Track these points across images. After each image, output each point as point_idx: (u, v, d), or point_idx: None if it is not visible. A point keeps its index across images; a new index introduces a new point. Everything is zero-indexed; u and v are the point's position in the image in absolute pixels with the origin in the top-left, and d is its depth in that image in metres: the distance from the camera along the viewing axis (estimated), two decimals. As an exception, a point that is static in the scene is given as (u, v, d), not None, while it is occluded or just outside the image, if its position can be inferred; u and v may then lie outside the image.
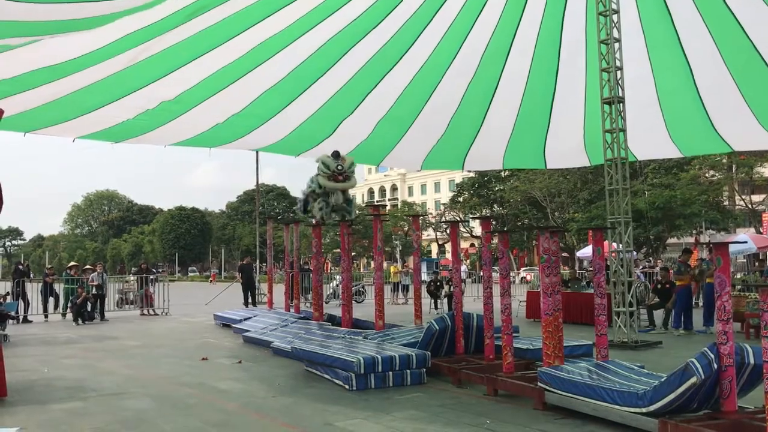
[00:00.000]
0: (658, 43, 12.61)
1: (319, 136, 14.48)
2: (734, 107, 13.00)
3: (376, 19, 12.00)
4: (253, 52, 11.68)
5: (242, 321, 14.33)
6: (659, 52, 12.78)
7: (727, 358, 5.48)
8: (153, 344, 12.78)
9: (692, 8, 11.66)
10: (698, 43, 12.23)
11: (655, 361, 9.38)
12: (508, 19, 12.65)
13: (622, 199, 11.92)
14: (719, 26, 11.79)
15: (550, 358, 7.17)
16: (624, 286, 11.70)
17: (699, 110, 13.47)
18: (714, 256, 6.00)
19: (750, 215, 42.45)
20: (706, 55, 12.34)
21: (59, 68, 10.27)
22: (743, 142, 15.10)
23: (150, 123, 12.88)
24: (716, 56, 12.27)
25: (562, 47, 13.25)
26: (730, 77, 12.51)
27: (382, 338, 9.83)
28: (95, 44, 9.91)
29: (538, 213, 47.63)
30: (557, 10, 12.53)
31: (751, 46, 11.77)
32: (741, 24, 11.52)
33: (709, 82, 12.85)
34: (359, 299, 22.74)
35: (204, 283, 58.79)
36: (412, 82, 13.60)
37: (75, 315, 17.01)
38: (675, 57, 12.63)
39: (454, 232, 10.93)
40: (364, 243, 60.33)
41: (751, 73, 12.33)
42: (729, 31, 11.74)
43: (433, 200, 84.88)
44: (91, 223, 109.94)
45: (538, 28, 12.87)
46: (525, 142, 15.57)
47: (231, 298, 22.43)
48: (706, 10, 11.65)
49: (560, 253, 10.10)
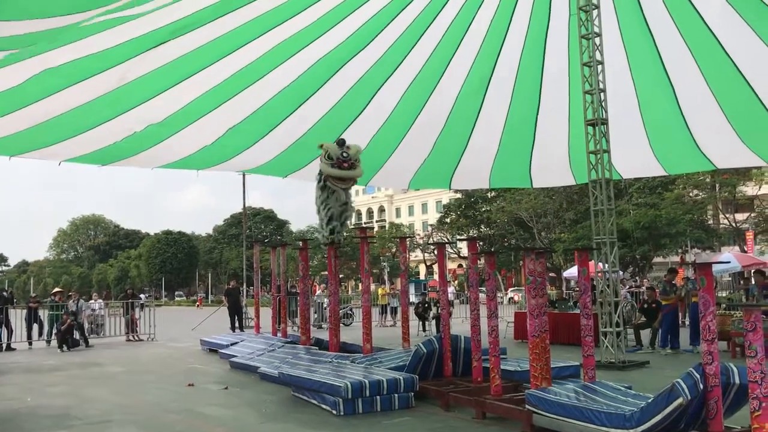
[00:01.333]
0: (641, 62, 12.82)
1: (307, 158, 14.53)
2: (717, 126, 13.21)
3: (362, 42, 12.17)
4: (240, 73, 11.74)
5: (229, 346, 14.22)
6: (642, 70, 12.99)
7: (712, 379, 5.51)
8: (139, 370, 12.65)
9: (673, 28, 11.90)
10: (680, 63, 12.46)
11: (642, 381, 9.40)
12: (491, 41, 12.86)
13: (608, 219, 12.00)
14: (700, 46, 12.04)
15: (538, 380, 7.16)
16: (611, 306, 11.74)
17: (682, 129, 13.67)
18: (698, 276, 6.05)
19: (734, 234, 42.80)
20: (688, 74, 12.57)
21: (45, 85, 10.20)
22: (726, 159, 15.30)
23: (137, 145, 12.88)
24: (698, 75, 12.49)
25: (545, 69, 13.44)
26: (713, 96, 12.74)
27: (370, 362, 9.79)
28: (81, 59, 9.88)
29: (525, 233, 47.76)
30: (540, 31, 12.73)
31: (732, 65, 12.00)
32: (722, 44, 11.76)
33: (691, 101, 13.07)
34: (347, 322, 22.64)
35: (191, 307, 58.28)
36: (399, 102, 13.75)
37: (60, 342, 16.82)
38: (657, 75, 12.84)
39: (441, 253, 10.95)
40: (351, 265, 60.23)
41: (732, 93, 12.55)
42: (710, 51, 11.98)
43: (421, 221, 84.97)
44: (77, 248, 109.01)
45: (520, 50, 13.07)
46: (511, 161, 15.70)
47: (218, 323, 22.27)
48: (687, 31, 11.90)
49: (547, 273, 10.14)
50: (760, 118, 12.77)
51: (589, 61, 11.91)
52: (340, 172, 11.18)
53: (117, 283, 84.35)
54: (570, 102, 14.00)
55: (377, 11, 11.58)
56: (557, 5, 12.29)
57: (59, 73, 9.92)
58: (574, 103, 13.67)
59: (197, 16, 9.88)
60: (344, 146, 11.30)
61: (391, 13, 11.80)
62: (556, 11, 12.38)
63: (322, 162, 11.40)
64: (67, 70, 9.97)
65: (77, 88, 10.46)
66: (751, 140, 13.47)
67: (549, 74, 13.54)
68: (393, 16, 11.88)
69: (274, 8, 10.51)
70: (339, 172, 11.18)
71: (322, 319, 22.12)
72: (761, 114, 12.64)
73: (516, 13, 12.35)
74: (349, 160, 11.19)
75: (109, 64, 10.27)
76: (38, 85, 10.03)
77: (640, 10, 11.92)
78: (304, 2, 10.75)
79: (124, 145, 12.62)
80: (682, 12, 11.60)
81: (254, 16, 10.52)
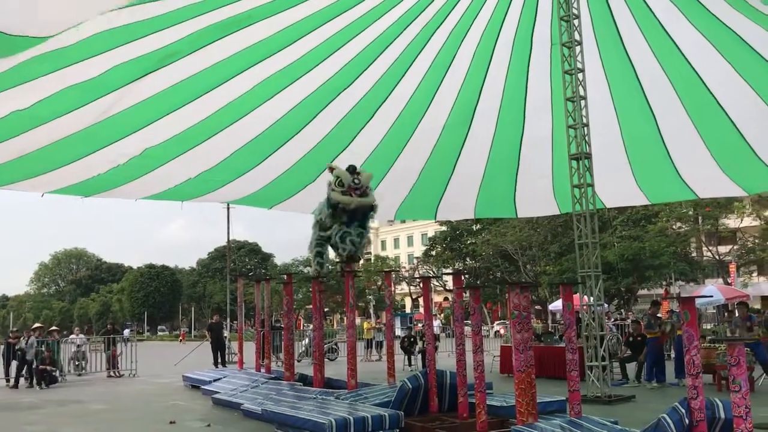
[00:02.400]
0: (623, 93, 13.05)
1: (294, 188, 14.51)
2: (699, 157, 13.43)
3: (349, 78, 12.37)
4: (227, 108, 11.80)
5: (212, 382, 14.00)
6: (624, 101, 13.21)
7: (698, 413, 5.49)
8: (120, 407, 12.42)
9: (654, 61, 12.19)
10: (661, 95, 12.72)
11: (629, 415, 9.34)
12: (474, 73, 13.09)
13: (592, 252, 12.04)
14: (681, 81, 12.32)
15: (524, 415, 7.11)
16: (596, 340, 11.72)
17: (665, 158, 13.87)
18: (681, 310, 6.07)
19: (717, 266, 43.16)
20: (670, 107, 12.83)
21: (28, 119, 10.14)
22: (708, 189, 15.50)
23: (121, 177, 12.83)
24: (680, 108, 12.75)
25: (527, 100, 13.65)
26: (695, 129, 12.99)
27: (355, 398, 9.68)
28: (65, 91, 9.85)
29: (510, 266, 47.87)
30: (522, 62, 12.95)
31: (711, 96, 12.28)
32: (702, 79, 12.04)
33: (673, 132, 13.34)
34: (332, 356, 22.43)
35: (174, 342, 57.59)
36: (386, 135, 13.88)
37: (38, 378, 16.50)
38: (640, 106, 13.08)
39: (427, 288, 10.88)
40: (337, 298, 59.92)
41: (712, 124, 12.82)
42: (691, 86, 12.27)
43: (407, 254, 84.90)
44: (59, 282, 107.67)
45: (503, 84, 13.28)
46: (495, 191, 15.76)
47: (201, 358, 21.98)
48: (668, 65, 12.18)
49: (533, 307, 10.11)
50: (739, 149, 13.01)
51: (572, 96, 12.06)
52: (351, 200, 10.81)
53: (99, 318, 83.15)
54: (553, 134, 14.14)
55: (363, 48, 11.77)
56: (539, 37, 12.56)
57: (30, 114, 9.91)
58: (558, 133, 13.81)
59: (181, 43, 9.93)
60: (355, 173, 10.99)
61: (378, 49, 11.98)
62: (537, 42, 12.64)
63: (332, 189, 10.97)
64: (35, 112, 9.94)
65: (57, 122, 10.43)
66: (731, 171, 13.70)
67: (532, 106, 13.72)
68: (380, 51, 12.06)
69: (262, 40, 10.63)
70: (350, 200, 10.81)
71: (307, 354, 21.90)
72: (740, 145, 12.88)
73: (498, 44, 12.58)
74: (360, 188, 10.88)
75: (93, 97, 10.26)
76: (8, 124, 10.01)
77: (622, 46, 12.20)
78: (292, 36, 10.87)
79: (107, 177, 12.57)
80: (662, 46, 11.90)
81: (238, 50, 10.63)
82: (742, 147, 12.91)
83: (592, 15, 12.07)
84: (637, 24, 11.76)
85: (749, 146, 12.90)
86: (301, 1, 10.23)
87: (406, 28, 11.86)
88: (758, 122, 12.47)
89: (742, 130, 12.66)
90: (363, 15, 11.09)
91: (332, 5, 10.58)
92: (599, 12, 11.94)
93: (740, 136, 12.73)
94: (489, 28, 12.30)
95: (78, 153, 11.64)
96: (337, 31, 11.21)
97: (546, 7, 12.06)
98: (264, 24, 10.33)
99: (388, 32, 11.76)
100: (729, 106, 12.36)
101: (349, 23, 11.14)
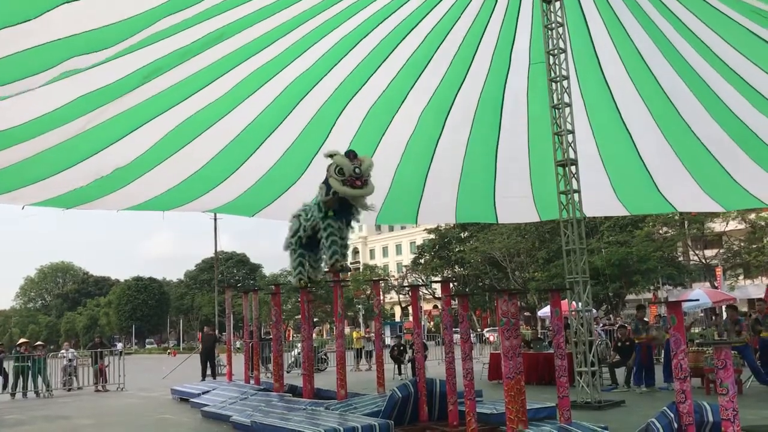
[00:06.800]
0: (598, 107, 13.21)
1: (272, 195, 14.42)
2: (678, 175, 13.72)
3: (318, 75, 12.30)
4: (202, 112, 11.77)
5: (200, 395, 13.89)
6: (599, 115, 13.36)
7: (686, 417, 5.51)
8: (107, 422, 12.28)
9: (628, 80, 12.54)
10: (637, 113, 13.02)
11: (619, 420, 9.37)
12: (450, 79, 13.09)
13: (579, 258, 12.08)
14: (656, 102, 12.70)
15: (514, 422, 7.10)
16: (585, 345, 11.74)
17: (642, 173, 14.03)
18: (668, 314, 6.09)
19: (704, 270, 43.45)
20: (646, 126, 13.17)
21: (8, 135, 10.10)
22: (687, 204, 15.67)
23: (103, 189, 12.74)
24: (655, 129, 13.12)
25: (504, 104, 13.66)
26: (670, 149, 13.37)
27: (345, 408, 9.64)
28: (47, 109, 9.83)
29: (499, 273, 47.94)
30: (502, 65, 12.99)
31: (686, 126, 12.77)
32: (674, 105, 12.51)
33: (651, 148, 13.58)
34: (322, 367, 22.34)
35: (162, 355, 57.14)
36: (357, 133, 13.64)
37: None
38: (615, 123, 13.33)
39: (415, 297, 10.84)
40: (326, 308, 59.74)
41: (688, 146, 13.20)
42: (665, 109, 12.71)
43: (395, 262, 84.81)
44: (45, 296, 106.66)
45: (480, 89, 13.29)
46: (474, 195, 15.58)
47: (189, 371, 21.82)
48: (641, 85, 12.56)
49: (522, 313, 10.11)
50: (714, 170, 13.35)
51: (557, 104, 12.13)
52: (353, 192, 9.95)
53: (86, 332, 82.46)
54: (529, 142, 14.14)
55: (331, 46, 11.71)
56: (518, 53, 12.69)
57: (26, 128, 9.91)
58: (534, 140, 13.87)
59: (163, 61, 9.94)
60: (355, 160, 10.04)
61: (348, 45, 11.89)
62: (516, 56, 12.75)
63: (331, 177, 10.07)
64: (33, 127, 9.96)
65: (40, 139, 10.41)
66: (710, 188, 13.97)
67: (507, 111, 13.70)
68: (350, 48, 11.96)
69: (231, 52, 10.68)
70: (352, 192, 9.94)
71: (296, 365, 21.79)
72: (714, 166, 13.28)
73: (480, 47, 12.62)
74: (361, 177, 9.99)
75: (78, 113, 10.25)
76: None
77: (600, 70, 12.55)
78: (262, 43, 10.88)
79: (88, 189, 12.49)
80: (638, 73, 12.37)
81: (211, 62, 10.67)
82: (717, 168, 13.40)
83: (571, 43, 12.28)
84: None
85: (727, 173, 13.41)
86: (273, 13, 10.19)
87: (377, 27, 11.77)
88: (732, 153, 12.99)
89: (714, 153, 13.16)
90: (333, 16, 11.05)
91: (303, 12, 10.54)
92: (581, 46, 12.37)
93: (714, 159, 13.26)
94: (473, 28, 12.30)
95: (60, 165, 11.56)
96: (307, 32, 11.17)
97: (527, 19, 12.24)
98: (236, 37, 10.39)
99: (359, 29, 11.66)
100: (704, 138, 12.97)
101: (318, 25, 11.09)
